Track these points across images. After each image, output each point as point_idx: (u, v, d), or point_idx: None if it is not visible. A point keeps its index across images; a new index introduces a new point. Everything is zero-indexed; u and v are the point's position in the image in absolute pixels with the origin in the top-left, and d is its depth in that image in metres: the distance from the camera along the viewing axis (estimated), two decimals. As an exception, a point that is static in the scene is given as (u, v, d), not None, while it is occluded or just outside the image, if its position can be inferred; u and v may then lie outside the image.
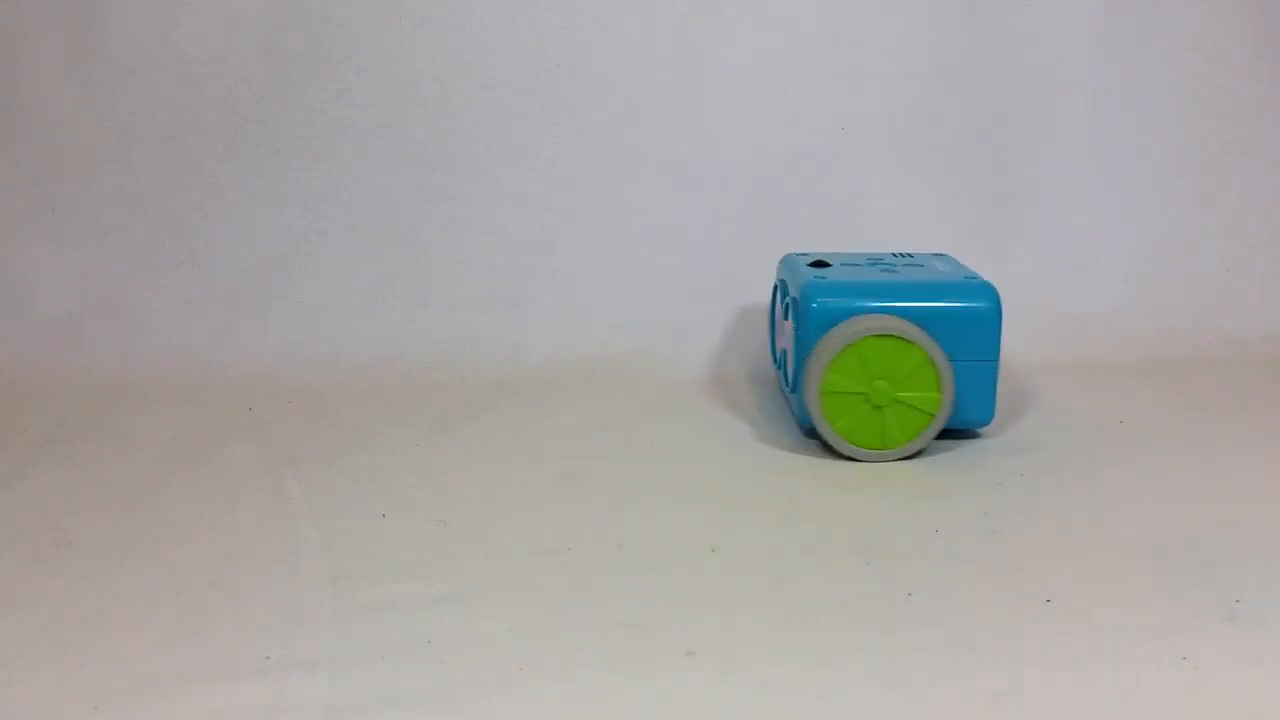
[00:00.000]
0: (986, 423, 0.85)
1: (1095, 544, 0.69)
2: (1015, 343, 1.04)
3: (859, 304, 0.81)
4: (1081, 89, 1.06)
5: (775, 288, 0.93)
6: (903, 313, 0.81)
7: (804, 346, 0.82)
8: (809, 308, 0.81)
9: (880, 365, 0.80)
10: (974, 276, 0.85)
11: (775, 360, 0.93)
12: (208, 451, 0.83)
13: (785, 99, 1.04)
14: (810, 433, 0.85)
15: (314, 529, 0.71)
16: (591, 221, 1.04)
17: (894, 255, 0.92)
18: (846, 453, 0.81)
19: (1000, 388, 0.96)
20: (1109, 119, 1.07)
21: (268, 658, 0.57)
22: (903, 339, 0.79)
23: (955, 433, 0.86)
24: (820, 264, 0.88)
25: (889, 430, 0.81)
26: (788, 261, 0.91)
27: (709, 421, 0.90)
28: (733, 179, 1.04)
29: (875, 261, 0.89)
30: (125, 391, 0.94)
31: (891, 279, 0.84)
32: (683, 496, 0.76)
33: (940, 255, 0.93)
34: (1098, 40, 1.06)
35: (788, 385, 0.86)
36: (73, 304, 1.01)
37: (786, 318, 0.86)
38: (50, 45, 1.00)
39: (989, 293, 0.82)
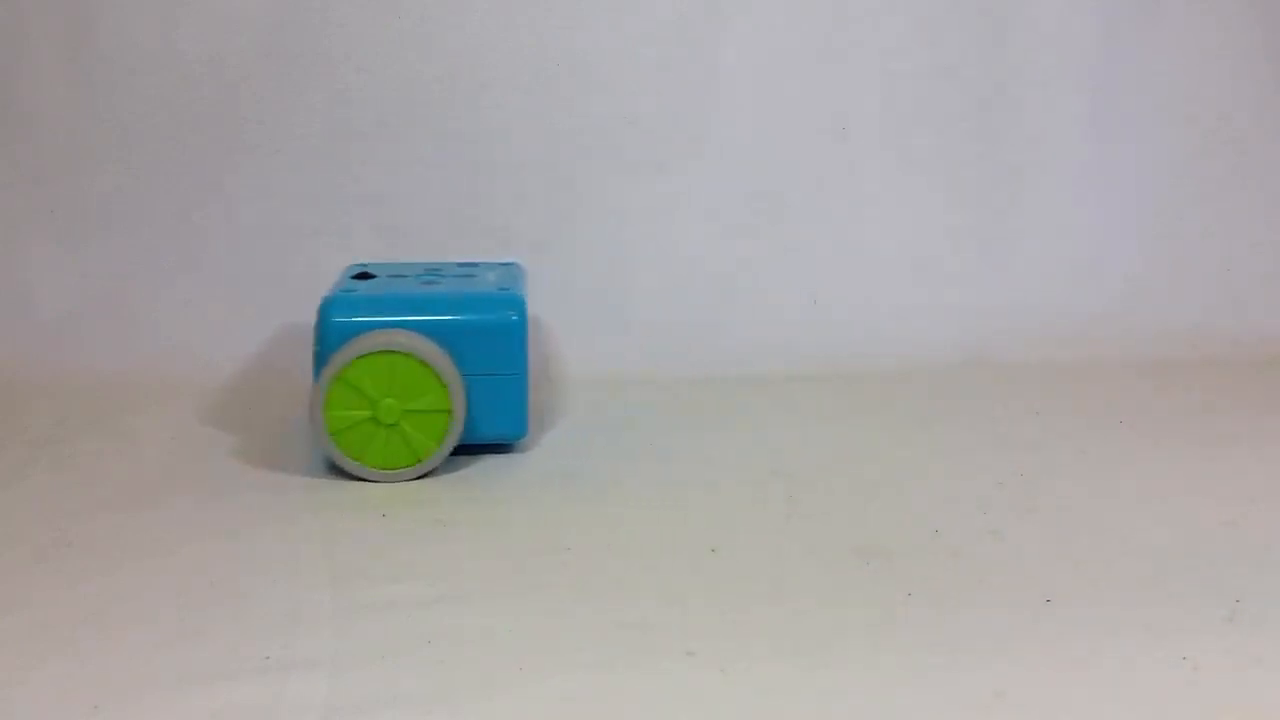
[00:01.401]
0: (520, 437, 0.82)
1: (1095, 544, 0.69)
2: (1015, 343, 1.04)
3: (377, 319, 0.78)
4: (1081, 89, 1.06)
5: None
6: (421, 327, 0.78)
7: (321, 364, 0.78)
8: (327, 322, 0.78)
9: (388, 383, 0.77)
10: (508, 289, 0.82)
11: None
12: (208, 451, 0.83)
13: (785, 99, 1.04)
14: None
15: (314, 529, 0.71)
16: (591, 222, 1.04)
17: (458, 265, 0.89)
18: (357, 473, 0.78)
19: (999, 388, 0.97)
20: (1109, 119, 1.07)
21: (268, 658, 0.57)
22: (409, 355, 0.76)
23: (494, 448, 0.82)
24: (365, 275, 0.85)
25: (400, 448, 0.78)
26: (346, 272, 0.87)
27: (715, 423, 0.90)
28: (733, 179, 1.04)
29: (432, 271, 0.86)
30: (125, 391, 0.94)
31: (423, 292, 0.81)
32: (684, 496, 0.76)
33: (507, 264, 0.90)
34: (1098, 39, 1.06)
35: None
36: (73, 304, 1.01)
37: None
38: (50, 45, 1.00)
39: (514, 305, 0.80)
